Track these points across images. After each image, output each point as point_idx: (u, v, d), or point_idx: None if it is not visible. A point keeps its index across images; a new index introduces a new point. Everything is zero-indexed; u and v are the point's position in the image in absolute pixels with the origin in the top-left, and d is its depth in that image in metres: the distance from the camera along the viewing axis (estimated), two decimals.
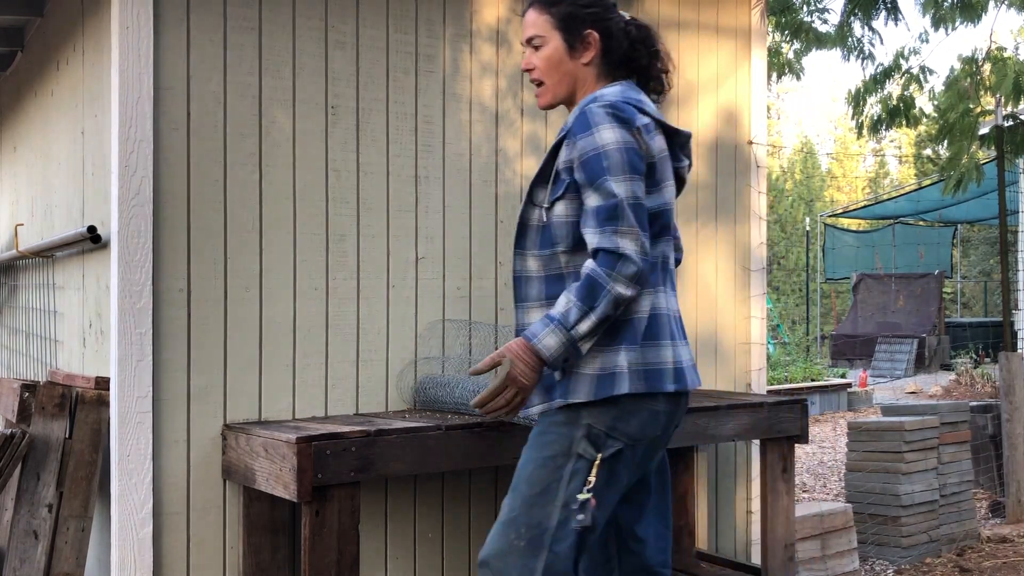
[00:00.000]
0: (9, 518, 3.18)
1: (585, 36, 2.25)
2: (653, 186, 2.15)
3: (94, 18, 3.36)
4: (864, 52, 7.69)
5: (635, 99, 2.20)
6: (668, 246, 2.24)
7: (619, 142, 2.06)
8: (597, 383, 2.07)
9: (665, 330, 2.16)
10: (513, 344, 2.08)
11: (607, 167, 2.05)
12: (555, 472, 2.08)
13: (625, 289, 2.01)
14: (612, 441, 2.09)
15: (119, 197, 2.84)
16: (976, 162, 7.65)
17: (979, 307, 23.19)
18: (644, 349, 2.10)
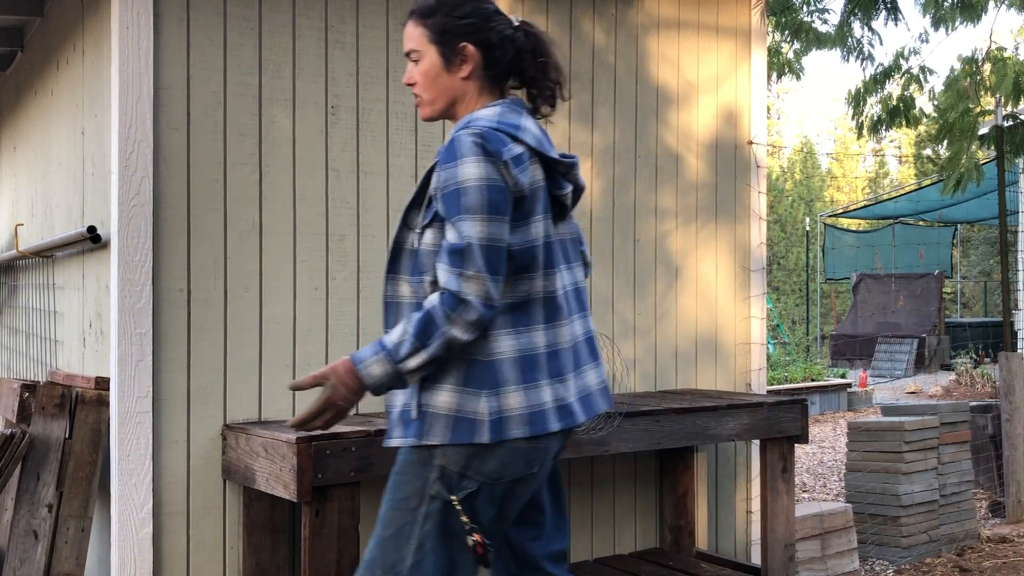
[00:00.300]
0: (9, 518, 3.18)
1: (461, 50, 2.10)
2: (522, 220, 2.02)
3: (94, 18, 3.35)
4: (864, 52, 7.69)
5: (511, 124, 2.05)
6: (552, 279, 2.10)
7: (480, 179, 1.95)
8: (454, 425, 1.99)
9: (542, 370, 2.06)
10: (339, 366, 2.00)
11: (464, 205, 1.94)
12: (407, 514, 2.01)
13: (461, 333, 1.94)
14: (467, 482, 2.00)
15: (119, 197, 2.84)
16: (976, 162, 7.65)
17: (979, 307, 23.19)
18: (515, 393, 2.01)
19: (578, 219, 3.75)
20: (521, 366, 2.02)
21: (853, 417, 10.36)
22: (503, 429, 1.98)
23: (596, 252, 3.81)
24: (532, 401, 2.02)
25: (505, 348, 2.02)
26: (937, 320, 16.37)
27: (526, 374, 2.03)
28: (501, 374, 2.00)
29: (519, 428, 2.00)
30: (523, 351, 2.04)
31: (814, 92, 49.14)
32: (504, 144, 2.00)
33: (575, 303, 2.18)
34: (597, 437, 3.16)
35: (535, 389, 2.03)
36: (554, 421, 2.05)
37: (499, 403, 1.99)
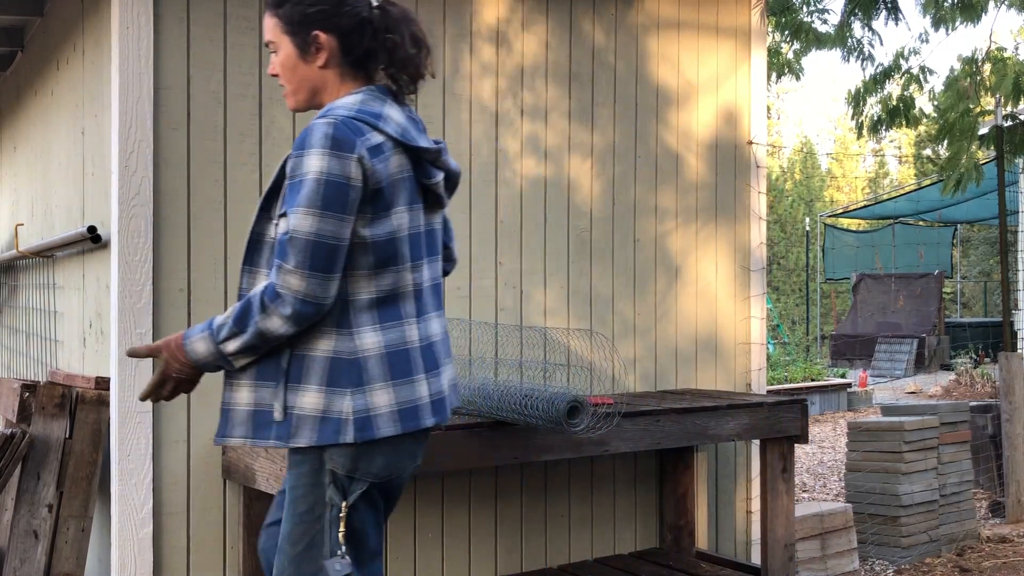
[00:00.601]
0: (9, 518, 3.18)
1: (314, 39, 2.04)
2: (382, 211, 1.97)
3: (94, 18, 3.35)
4: (864, 52, 7.69)
5: (371, 113, 2.00)
6: (421, 271, 2.08)
7: (320, 172, 1.90)
8: (320, 426, 1.95)
9: (417, 364, 2.03)
10: (172, 340, 2.02)
11: (300, 198, 1.90)
12: (314, 524, 1.98)
13: (276, 326, 1.92)
14: (356, 484, 1.98)
15: (119, 197, 2.84)
16: (976, 162, 7.65)
17: (979, 307, 23.19)
18: (383, 390, 1.97)
19: (578, 219, 3.76)
20: (390, 362, 1.99)
21: (853, 417, 10.36)
22: (370, 428, 1.95)
23: (596, 252, 3.81)
24: (403, 397, 1.99)
25: (370, 345, 1.98)
26: (937, 320, 16.37)
27: (396, 370, 1.99)
28: (367, 372, 1.96)
29: (388, 426, 1.96)
30: (392, 347, 2.00)
31: (814, 92, 49.15)
32: (361, 134, 1.95)
33: (433, 299, 2.13)
34: (597, 437, 3.16)
35: (408, 385, 2.00)
36: (428, 416, 2.03)
37: (366, 401, 1.95)
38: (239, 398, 2.03)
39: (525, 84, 3.64)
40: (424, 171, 2.07)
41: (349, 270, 1.96)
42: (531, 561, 3.66)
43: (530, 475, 3.66)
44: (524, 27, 3.65)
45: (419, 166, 2.06)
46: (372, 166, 1.94)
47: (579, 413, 2.78)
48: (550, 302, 3.69)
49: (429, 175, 2.09)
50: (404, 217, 2.02)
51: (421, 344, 2.05)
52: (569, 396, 2.75)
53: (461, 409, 3.08)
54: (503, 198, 3.58)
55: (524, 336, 3.59)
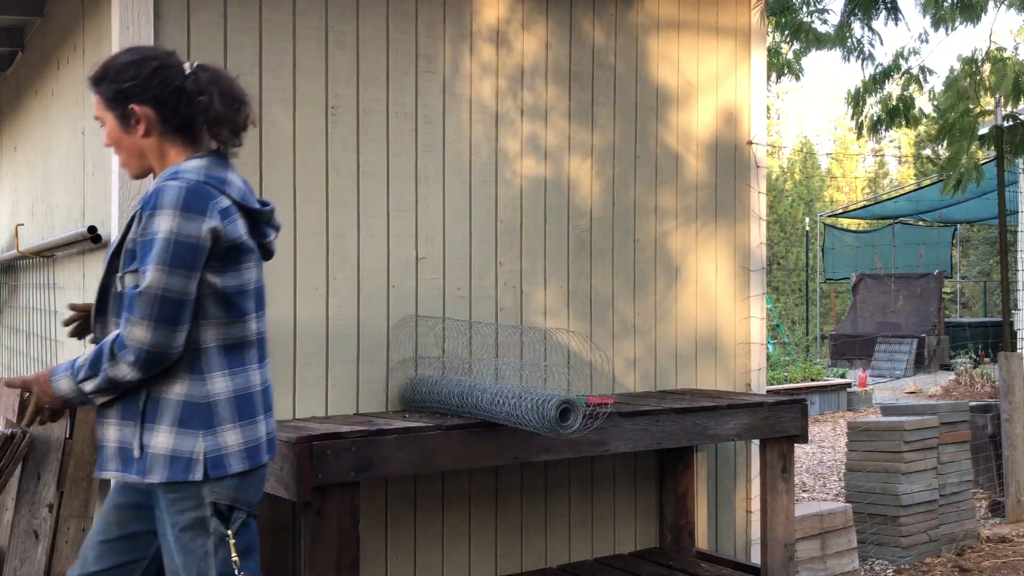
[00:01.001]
0: (10, 518, 3.18)
1: (131, 112, 2.17)
2: (233, 267, 2.16)
3: (94, 18, 3.36)
4: (864, 52, 7.69)
5: (217, 178, 2.15)
6: (260, 322, 2.27)
7: (171, 232, 2.05)
8: (171, 464, 2.10)
9: (258, 406, 2.21)
10: (42, 374, 2.18)
11: (151, 256, 2.05)
12: (201, 554, 2.13)
13: (124, 374, 2.08)
14: (237, 513, 2.16)
15: (119, 197, 2.84)
16: (975, 162, 7.65)
17: (979, 307, 23.19)
18: (232, 431, 2.15)
19: (578, 219, 3.76)
20: (238, 405, 2.16)
21: (853, 417, 10.36)
22: (222, 465, 2.12)
23: (596, 252, 3.81)
24: (248, 437, 2.17)
25: (220, 389, 2.15)
26: (937, 320, 16.37)
27: (243, 412, 2.16)
28: (217, 414, 2.13)
29: (238, 463, 2.14)
30: (239, 391, 2.17)
31: (814, 92, 49.15)
32: (211, 198, 2.11)
33: (265, 347, 2.32)
34: (597, 437, 3.16)
35: (252, 425, 2.18)
36: (265, 453, 2.22)
37: (216, 441, 2.12)
38: (108, 435, 2.18)
39: (525, 84, 3.64)
40: (260, 231, 2.27)
41: (203, 320, 2.14)
42: (531, 561, 3.66)
43: (530, 475, 3.67)
44: (524, 27, 3.65)
45: (255, 226, 2.25)
46: (223, 227, 2.11)
47: (570, 415, 2.78)
48: (550, 302, 3.69)
49: (264, 234, 2.29)
50: (252, 272, 2.23)
51: (261, 388, 2.24)
52: (558, 400, 2.74)
53: (443, 408, 3.08)
54: (503, 198, 3.58)
55: (510, 336, 3.59)
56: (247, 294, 2.22)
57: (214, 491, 2.12)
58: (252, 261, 2.23)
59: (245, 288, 2.21)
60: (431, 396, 3.17)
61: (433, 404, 3.13)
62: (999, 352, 6.08)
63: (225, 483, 2.13)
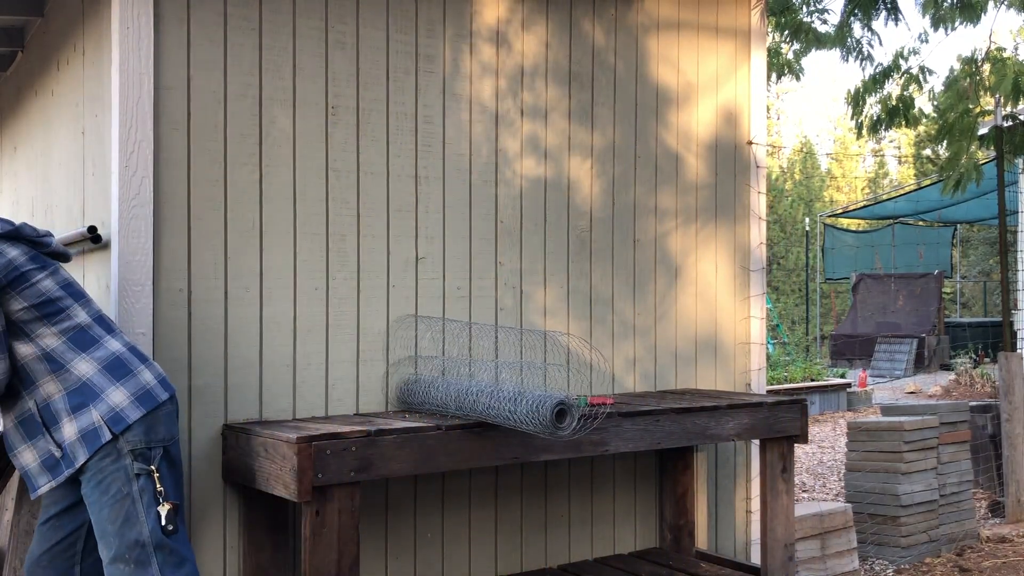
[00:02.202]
0: (9, 518, 3.18)
1: None
2: (26, 287, 2.49)
3: (94, 18, 3.36)
4: (863, 52, 7.69)
5: None
6: (88, 306, 2.59)
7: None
8: (85, 442, 2.47)
9: (131, 361, 2.56)
10: None
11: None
12: (126, 499, 2.46)
13: None
14: (155, 451, 2.50)
15: (119, 197, 2.84)
16: (975, 162, 7.65)
17: (979, 307, 23.19)
18: (119, 388, 2.51)
19: (578, 219, 3.76)
20: (109, 371, 2.52)
21: (853, 417, 10.36)
22: (120, 420, 2.47)
23: (596, 252, 3.82)
24: (133, 388, 2.52)
25: (87, 368, 2.51)
26: (937, 320, 16.37)
27: (117, 373, 2.52)
28: (95, 386, 2.50)
29: (134, 411, 2.49)
30: (103, 360, 2.53)
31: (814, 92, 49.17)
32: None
33: (110, 321, 2.65)
34: (597, 437, 3.16)
35: (132, 378, 2.54)
36: (161, 393, 2.56)
37: (107, 405, 2.48)
38: (27, 459, 2.53)
39: (525, 84, 3.64)
40: (41, 245, 2.59)
41: (33, 335, 2.49)
42: (531, 561, 3.66)
43: (530, 475, 3.67)
44: (524, 27, 3.65)
45: (36, 245, 2.58)
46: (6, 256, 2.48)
47: (566, 416, 2.78)
48: (550, 302, 3.69)
49: (46, 246, 2.61)
50: (47, 281, 2.54)
51: (125, 348, 2.58)
52: (554, 401, 2.74)
53: (441, 410, 3.08)
54: (503, 198, 3.58)
55: (510, 336, 3.59)
56: (53, 299, 2.53)
57: (128, 441, 2.47)
58: (43, 273, 2.53)
59: (50, 295, 2.52)
60: (431, 396, 3.17)
61: (432, 405, 3.13)
62: (999, 352, 6.08)
63: (132, 431, 2.48)
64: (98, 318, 2.60)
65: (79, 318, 2.55)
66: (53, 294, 2.53)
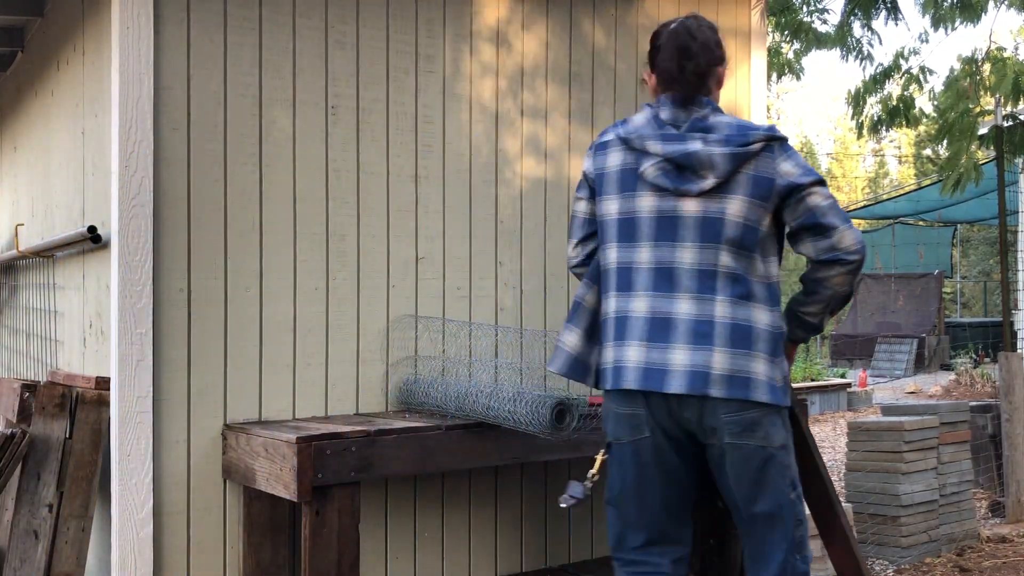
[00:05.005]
0: (9, 518, 3.18)
1: None
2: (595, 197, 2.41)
3: (94, 18, 3.36)
4: (864, 52, 7.70)
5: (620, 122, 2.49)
6: (630, 251, 2.33)
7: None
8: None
9: (608, 332, 2.34)
10: None
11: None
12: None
13: None
14: (607, 437, 2.40)
15: (119, 197, 2.84)
16: (975, 162, 7.65)
17: (979, 307, 23.18)
18: (602, 348, 2.37)
19: None
20: (603, 327, 2.47)
21: (853, 417, 10.36)
22: (595, 377, 2.51)
23: None
24: (605, 359, 2.43)
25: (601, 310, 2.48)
26: (937, 320, 16.37)
27: (605, 334, 2.43)
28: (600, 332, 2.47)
29: (600, 380, 2.48)
30: (603, 315, 2.44)
31: (814, 92, 49.17)
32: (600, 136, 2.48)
33: (649, 279, 2.40)
34: (597, 438, 3.15)
35: (611, 348, 2.40)
36: (620, 378, 2.36)
37: (596, 356, 2.50)
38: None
39: (525, 84, 3.64)
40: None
41: None
42: (531, 561, 3.66)
43: (530, 475, 3.67)
44: (524, 27, 3.65)
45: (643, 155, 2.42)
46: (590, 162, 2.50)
47: (566, 416, 2.78)
48: (550, 302, 3.69)
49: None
50: (615, 204, 2.41)
51: (618, 315, 2.38)
52: (553, 401, 2.74)
53: (441, 409, 3.08)
54: (503, 198, 3.58)
55: (510, 336, 3.59)
56: (602, 224, 2.39)
57: None
58: (612, 192, 2.36)
59: (602, 218, 2.39)
60: (431, 396, 3.17)
61: (432, 405, 3.13)
62: (999, 352, 6.08)
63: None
64: (623, 270, 2.38)
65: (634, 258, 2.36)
66: (606, 217, 2.43)
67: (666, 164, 2.28)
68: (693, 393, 2.23)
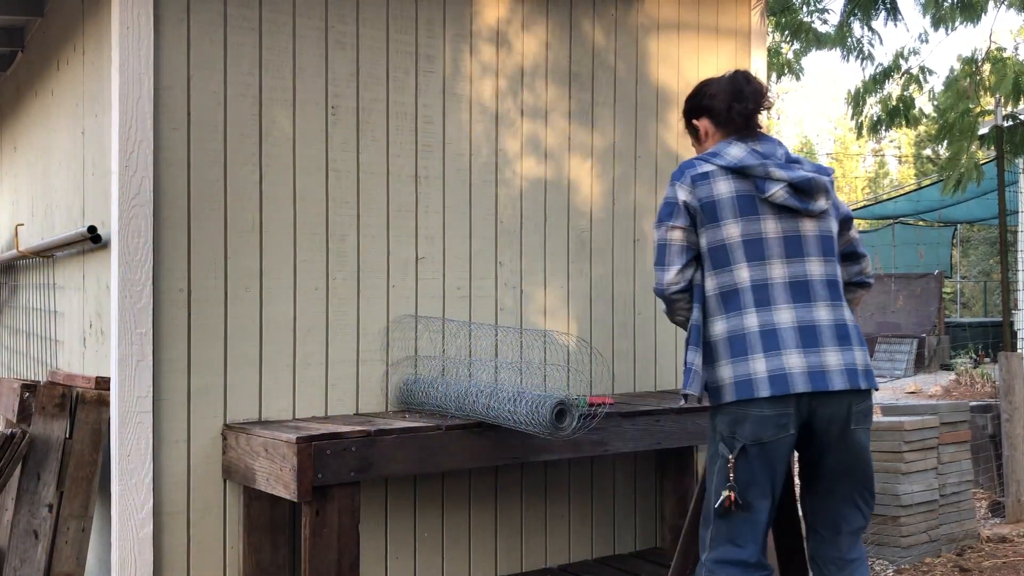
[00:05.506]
0: (9, 518, 3.18)
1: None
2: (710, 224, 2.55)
3: (94, 18, 3.36)
4: (864, 52, 7.70)
5: (709, 152, 2.62)
6: (762, 269, 2.52)
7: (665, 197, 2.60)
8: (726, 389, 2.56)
9: (753, 344, 2.48)
10: None
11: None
12: (711, 465, 2.63)
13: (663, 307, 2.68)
14: (736, 442, 2.51)
15: (119, 197, 2.84)
16: (976, 162, 7.65)
17: (979, 307, 23.18)
18: (729, 365, 2.51)
19: (578, 219, 3.76)
20: (735, 344, 2.57)
21: None
22: (734, 392, 2.59)
23: (596, 252, 3.81)
24: (755, 370, 2.53)
25: (718, 330, 2.59)
26: (937, 320, 16.37)
27: (743, 348, 2.54)
28: (715, 352, 2.61)
29: (744, 392, 2.55)
30: (731, 332, 2.56)
31: (814, 92, 49.14)
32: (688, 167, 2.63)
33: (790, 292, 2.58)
34: (597, 437, 3.16)
35: (761, 359, 2.52)
36: (781, 385, 2.50)
37: (723, 372, 2.60)
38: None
39: (525, 84, 3.64)
40: (758, 187, 2.57)
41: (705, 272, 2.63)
42: (531, 561, 3.66)
43: (530, 475, 3.67)
44: (524, 27, 3.65)
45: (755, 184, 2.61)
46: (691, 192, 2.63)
47: (566, 416, 2.78)
48: (550, 302, 3.69)
49: (763, 189, 2.56)
50: (733, 228, 2.57)
51: (760, 328, 2.52)
52: (554, 401, 2.74)
53: (441, 409, 3.08)
54: (503, 198, 3.58)
55: (510, 335, 3.59)
56: (722, 248, 2.53)
57: (719, 421, 2.62)
58: (729, 217, 2.53)
59: (722, 242, 2.53)
60: (430, 396, 3.17)
61: (432, 405, 3.13)
62: (999, 352, 6.08)
63: (721, 416, 2.63)
64: (758, 287, 2.53)
65: (736, 279, 2.53)
66: (726, 241, 2.54)
67: (790, 188, 2.55)
68: (850, 388, 2.48)
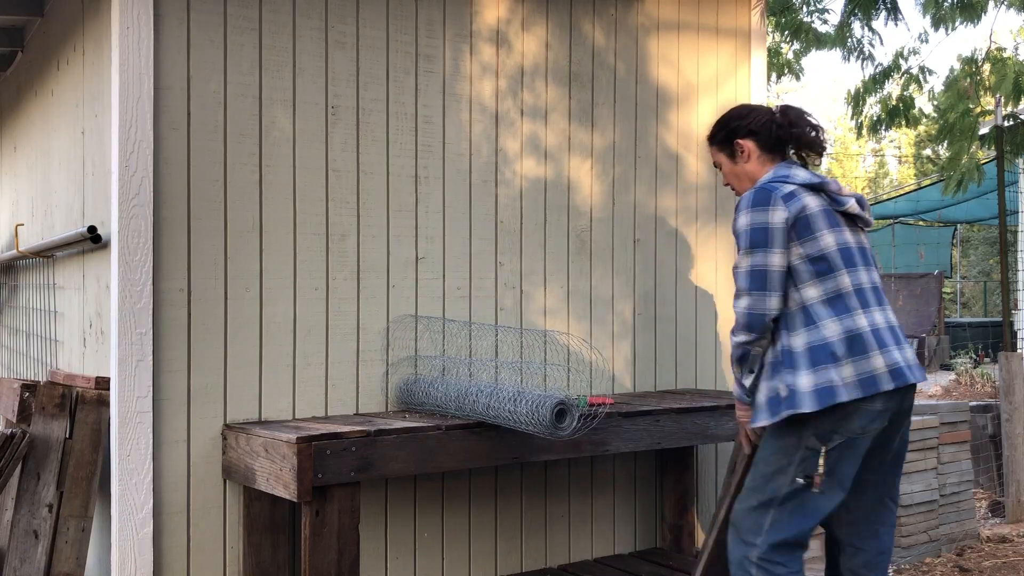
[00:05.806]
0: (9, 518, 3.18)
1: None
2: (808, 236, 2.69)
3: (94, 18, 3.36)
4: (864, 52, 7.70)
5: (781, 175, 2.79)
6: (852, 275, 2.70)
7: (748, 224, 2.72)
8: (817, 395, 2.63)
9: (868, 343, 2.63)
10: None
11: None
12: (778, 461, 2.69)
13: (736, 337, 2.73)
14: (836, 436, 2.62)
15: (119, 197, 2.84)
16: (976, 162, 7.65)
17: (979, 307, 23.18)
18: (850, 364, 2.62)
19: (578, 219, 3.76)
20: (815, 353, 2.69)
21: None
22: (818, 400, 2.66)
23: (596, 252, 3.81)
24: (831, 379, 2.65)
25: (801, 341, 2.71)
26: (937, 320, 16.37)
27: (819, 359, 2.66)
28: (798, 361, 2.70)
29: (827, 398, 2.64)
30: (810, 343, 2.69)
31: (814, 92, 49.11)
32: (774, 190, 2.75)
33: (850, 299, 2.74)
34: (597, 437, 3.16)
35: (832, 368, 2.65)
36: (871, 386, 2.65)
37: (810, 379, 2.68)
38: (759, 393, 2.73)
39: (525, 84, 3.64)
40: (835, 201, 2.77)
41: (800, 283, 2.71)
42: (531, 561, 3.66)
43: (530, 475, 3.67)
44: (524, 28, 3.65)
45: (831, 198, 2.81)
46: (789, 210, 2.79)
47: (566, 416, 2.78)
48: (550, 302, 3.69)
49: (840, 202, 2.77)
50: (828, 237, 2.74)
51: (839, 336, 2.66)
52: (554, 401, 2.74)
53: (459, 412, 3.08)
54: (503, 198, 3.58)
55: (510, 335, 3.59)
56: (824, 257, 2.67)
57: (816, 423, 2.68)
58: (824, 228, 2.69)
59: (823, 252, 2.67)
60: (430, 396, 3.17)
61: (432, 405, 3.13)
62: (999, 352, 6.08)
63: (823, 417, 2.65)
64: (858, 290, 2.71)
65: (839, 284, 2.68)
66: (825, 251, 2.68)
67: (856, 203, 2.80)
68: (917, 381, 2.72)
